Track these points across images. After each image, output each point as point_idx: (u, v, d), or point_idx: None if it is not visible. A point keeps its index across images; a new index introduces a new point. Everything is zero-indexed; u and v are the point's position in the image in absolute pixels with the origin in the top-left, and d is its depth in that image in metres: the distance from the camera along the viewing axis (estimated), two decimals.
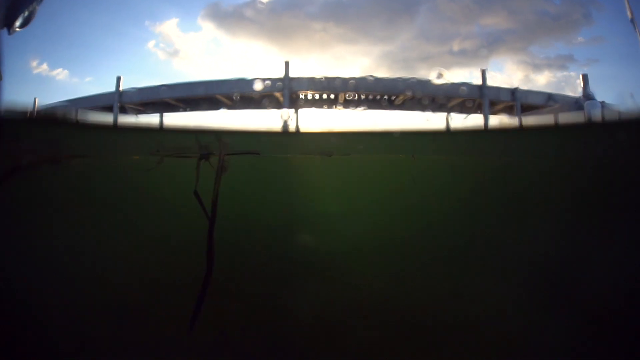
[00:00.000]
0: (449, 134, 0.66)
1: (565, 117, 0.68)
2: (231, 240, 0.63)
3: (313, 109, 0.67)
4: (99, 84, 0.68)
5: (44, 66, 0.68)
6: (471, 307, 0.66)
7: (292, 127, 0.66)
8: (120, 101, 0.64)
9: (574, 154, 0.66)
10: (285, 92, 0.64)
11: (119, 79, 0.64)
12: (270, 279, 0.62)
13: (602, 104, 0.67)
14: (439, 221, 0.67)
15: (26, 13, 0.63)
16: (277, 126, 0.66)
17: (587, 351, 0.66)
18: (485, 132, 0.67)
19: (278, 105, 0.65)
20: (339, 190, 0.65)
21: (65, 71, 0.69)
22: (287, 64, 0.64)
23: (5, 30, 0.63)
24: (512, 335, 0.66)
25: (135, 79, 0.67)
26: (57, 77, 0.68)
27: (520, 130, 0.65)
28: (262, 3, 0.65)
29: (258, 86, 0.63)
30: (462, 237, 0.67)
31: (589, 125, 0.65)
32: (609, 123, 0.63)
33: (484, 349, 0.65)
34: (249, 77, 0.65)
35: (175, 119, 0.66)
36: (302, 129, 0.65)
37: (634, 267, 0.66)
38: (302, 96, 0.66)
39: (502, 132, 0.67)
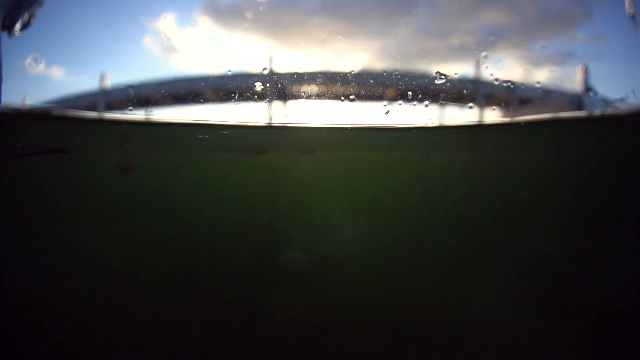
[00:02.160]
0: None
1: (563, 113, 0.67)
2: (213, 242, 0.63)
3: (306, 102, 0.66)
4: (94, 83, 0.68)
5: (41, 64, 0.68)
6: (470, 310, 0.65)
7: (277, 121, 0.66)
8: (109, 99, 0.64)
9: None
10: (272, 85, 0.64)
11: (102, 75, 0.63)
12: (256, 282, 0.62)
13: (603, 100, 0.65)
14: (433, 220, 0.66)
15: (26, 16, 0.64)
16: (263, 120, 0.66)
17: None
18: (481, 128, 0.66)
19: (268, 99, 0.65)
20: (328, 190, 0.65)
21: (62, 69, 0.69)
22: (273, 58, 0.64)
23: (5, 34, 0.64)
24: (513, 339, 0.65)
25: (131, 77, 0.67)
26: (53, 75, 0.68)
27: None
28: None
29: (247, 81, 0.63)
30: (459, 236, 0.67)
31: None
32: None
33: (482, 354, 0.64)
34: (238, 71, 0.65)
35: (164, 115, 0.66)
36: (285, 123, 0.64)
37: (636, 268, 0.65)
38: (294, 90, 0.66)
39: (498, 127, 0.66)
